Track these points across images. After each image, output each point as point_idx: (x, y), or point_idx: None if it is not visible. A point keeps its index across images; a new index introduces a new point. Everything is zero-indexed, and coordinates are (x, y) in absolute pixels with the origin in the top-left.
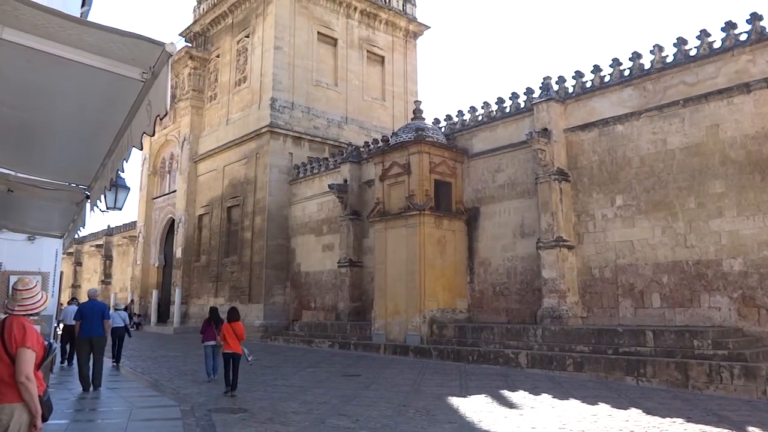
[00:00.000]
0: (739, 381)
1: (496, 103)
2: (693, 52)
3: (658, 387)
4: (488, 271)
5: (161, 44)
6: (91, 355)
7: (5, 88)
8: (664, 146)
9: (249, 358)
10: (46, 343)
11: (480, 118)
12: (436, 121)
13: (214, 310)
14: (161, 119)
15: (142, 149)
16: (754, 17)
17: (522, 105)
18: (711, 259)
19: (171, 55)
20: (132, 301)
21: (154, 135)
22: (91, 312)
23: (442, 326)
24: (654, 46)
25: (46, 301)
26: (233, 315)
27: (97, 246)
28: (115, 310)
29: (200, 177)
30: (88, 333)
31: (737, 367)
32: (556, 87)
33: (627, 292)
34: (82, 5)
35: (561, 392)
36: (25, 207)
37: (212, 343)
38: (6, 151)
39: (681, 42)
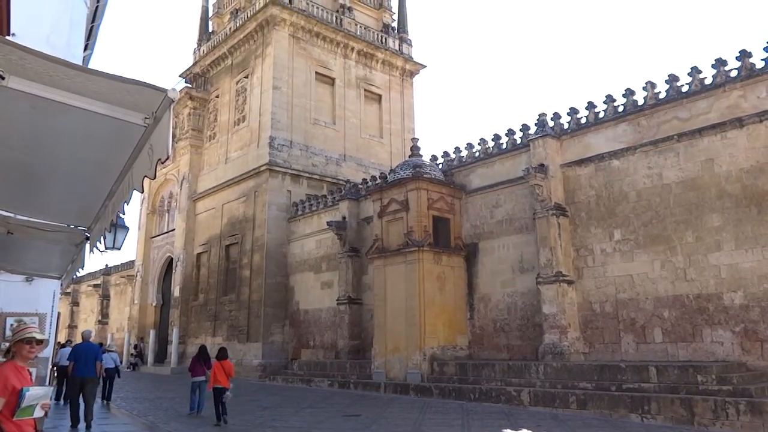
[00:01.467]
0: (746, 417)
1: (492, 140)
2: (685, 89)
3: (663, 424)
4: (488, 307)
5: (164, 90)
6: (82, 395)
7: (9, 134)
8: (660, 180)
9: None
10: (20, 388)
11: (477, 154)
12: (434, 157)
13: (203, 348)
14: (162, 163)
15: (143, 192)
16: (743, 54)
17: (518, 141)
18: (711, 293)
19: (173, 101)
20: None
21: (155, 178)
22: (85, 353)
23: (442, 363)
24: (647, 83)
25: (20, 330)
26: (222, 354)
27: (95, 286)
28: (108, 351)
29: (199, 215)
30: (81, 373)
31: (743, 403)
32: (551, 123)
33: (628, 327)
34: (85, 49)
35: (565, 431)
36: (24, 248)
37: (201, 378)
38: (7, 194)
39: (673, 79)
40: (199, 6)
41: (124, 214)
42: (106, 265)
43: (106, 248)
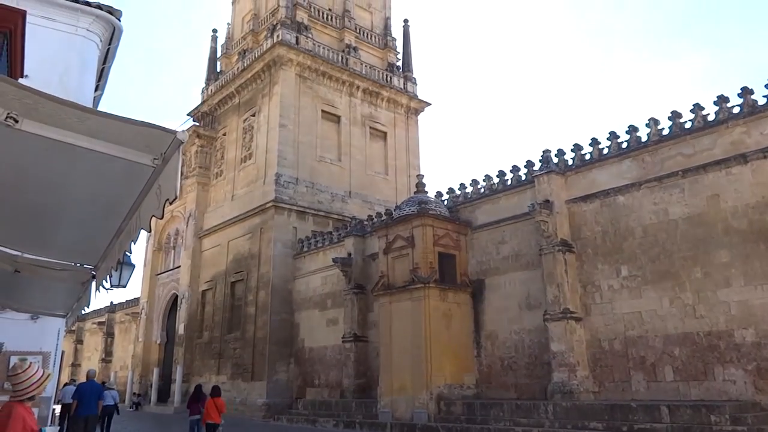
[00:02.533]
0: None
1: (497, 176)
2: (688, 125)
3: None
4: (495, 345)
5: (173, 132)
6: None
7: (19, 174)
8: (666, 216)
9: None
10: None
11: (482, 190)
12: (439, 194)
13: (197, 388)
14: (171, 203)
15: (150, 231)
16: (746, 91)
17: (523, 177)
18: (722, 330)
19: (182, 142)
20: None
21: (162, 218)
22: (89, 393)
23: (449, 403)
24: (650, 120)
25: (44, 378)
26: (216, 392)
27: (99, 323)
28: (108, 389)
29: (204, 252)
30: (85, 412)
31: None
32: (555, 159)
33: (638, 365)
34: (96, 90)
35: None
36: (30, 287)
37: (197, 417)
38: (15, 233)
39: (675, 115)
40: (208, 47)
41: (131, 252)
42: (111, 303)
43: (111, 286)
